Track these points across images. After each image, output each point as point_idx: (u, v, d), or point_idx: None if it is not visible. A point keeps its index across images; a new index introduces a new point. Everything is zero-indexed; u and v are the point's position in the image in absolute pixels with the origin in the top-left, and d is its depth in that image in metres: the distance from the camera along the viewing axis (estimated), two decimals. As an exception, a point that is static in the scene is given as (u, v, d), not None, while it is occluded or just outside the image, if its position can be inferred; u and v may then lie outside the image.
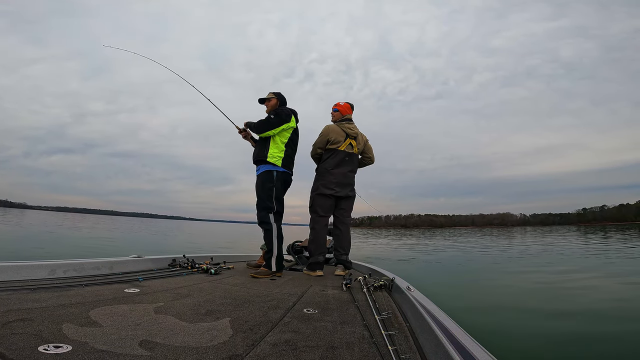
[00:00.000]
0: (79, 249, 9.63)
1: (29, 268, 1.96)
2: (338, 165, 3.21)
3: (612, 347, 2.76)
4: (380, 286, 2.24)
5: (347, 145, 3.24)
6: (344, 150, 3.23)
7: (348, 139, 3.25)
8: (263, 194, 2.92)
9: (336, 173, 3.20)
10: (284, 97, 3.16)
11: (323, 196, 3.22)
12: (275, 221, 2.92)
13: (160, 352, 1.01)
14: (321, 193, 3.21)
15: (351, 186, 3.30)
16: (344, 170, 3.23)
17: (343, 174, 3.22)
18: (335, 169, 3.21)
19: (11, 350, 0.90)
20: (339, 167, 3.22)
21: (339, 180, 3.20)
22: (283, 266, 3.01)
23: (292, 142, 3.06)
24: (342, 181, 3.21)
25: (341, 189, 3.21)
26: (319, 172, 3.32)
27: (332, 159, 3.22)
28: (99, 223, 35.82)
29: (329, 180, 3.20)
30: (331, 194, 3.19)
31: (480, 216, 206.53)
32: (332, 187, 3.19)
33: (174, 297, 1.76)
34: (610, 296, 4.66)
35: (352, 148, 3.28)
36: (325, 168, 3.24)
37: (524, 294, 5.00)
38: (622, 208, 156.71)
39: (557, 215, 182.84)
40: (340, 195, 3.22)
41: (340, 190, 3.20)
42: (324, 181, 3.22)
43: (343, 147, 3.23)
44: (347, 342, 1.21)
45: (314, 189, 3.29)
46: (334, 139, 3.22)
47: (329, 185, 3.19)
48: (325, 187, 3.20)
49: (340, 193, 3.21)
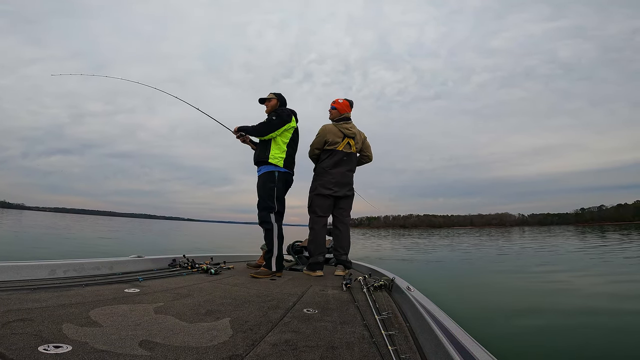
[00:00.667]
0: (76, 250, 9.58)
1: (29, 268, 1.96)
2: (336, 165, 3.20)
3: (612, 347, 2.77)
4: (380, 286, 2.24)
5: (345, 145, 3.23)
6: (342, 151, 3.22)
7: (346, 139, 3.23)
8: (264, 194, 2.92)
9: (334, 173, 3.20)
10: (284, 98, 3.16)
11: (321, 196, 3.21)
12: (276, 221, 2.92)
13: (160, 352, 1.01)
14: (319, 193, 3.21)
15: (349, 185, 3.29)
16: (342, 170, 3.22)
17: (341, 174, 3.22)
18: (333, 168, 3.20)
19: (11, 350, 0.90)
20: (337, 167, 3.21)
21: (337, 180, 3.19)
22: (283, 266, 3.01)
23: (293, 142, 3.06)
24: (340, 181, 3.20)
25: (339, 189, 3.21)
26: (317, 172, 3.31)
27: (330, 159, 3.21)
28: (96, 224, 35.19)
29: (327, 180, 3.19)
30: (329, 194, 3.18)
31: (479, 216, 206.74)
32: (330, 187, 3.18)
33: (174, 297, 1.76)
34: (608, 295, 4.66)
35: (350, 147, 3.26)
36: (323, 168, 3.23)
37: (524, 294, 5.00)
38: (620, 208, 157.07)
39: (555, 216, 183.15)
40: (339, 195, 3.22)
41: (338, 190, 3.20)
42: (322, 181, 3.21)
43: (341, 147, 3.22)
44: (347, 342, 1.21)
45: (312, 189, 3.29)
46: (331, 140, 3.21)
47: (327, 185, 3.18)
48: (324, 187, 3.19)
49: (339, 193, 3.20)
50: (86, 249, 9.86)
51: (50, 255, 6.79)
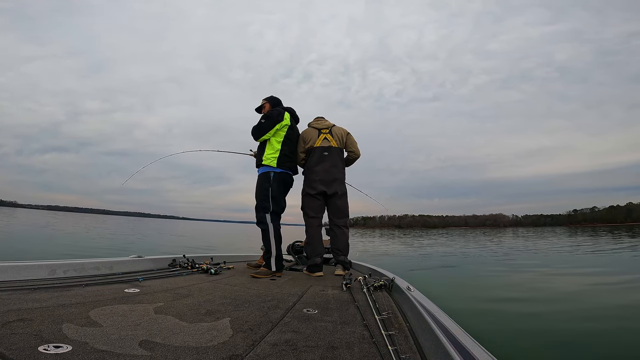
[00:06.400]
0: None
1: (29, 268, 1.96)
2: (318, 163, 3.17)
3: (612, 347, 2.76)
4: (380, 286, 2.24)
5: (322, 141, 3.21)
6: (320, 146, 3.20)
7: (321, 134, 3.23)
8: (260, 195, 2.93)
9: (318, 170, 3.15)
10: (275, 99, 3.17)
11: (310, 196, 3.18)
12: (272, 221, 2.90)
13: (160, 352, 1.00)
14: (307, 193, 3.19)
15: (338, 182, 3.19)
16: (326, 166, 3.16)
17: (325, 170, 3.15)
18: (316, 166, 3.16)
19: (11, 350, 0.90)
20: (320, 163, 3.16)
21: (321, 178, 3.14)
22: (283, 266, 3.00)
23: (288, 140, 3.02)
24: (325, 178, 3.14)
25: (327, 187, 3.14)
26: (304, 173, 3.31)
27: (311, 158, 3.20)
28: (81, 222, 32.90)
29: (312, 179, 3.16)
30: (316, 192, 3.14)
31: (473, 217, 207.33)
32: (316, 186, 3.14)
33: (174, 297, 1.76)
34: (609, 296, 4.66)
35: (329, 142, 3.22)
36: (308, 167, 3.22)
37: (523, 294, 5.00)
38: (612, 210, 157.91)
39: (548, 217, 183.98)
40: (330, 194, 3.16)
41: (326, 188, 3.14)
42: (307, 181, 3.21)
43: (318, 143, 3.21)
44: (347, 342, 1.20)
45: (302, 191, 3.28)
46: (308, 139, 3.21)
47: (312, 184, 3.16)
48: (310, 186, 3.17)
49: (328, 191, 3.14)
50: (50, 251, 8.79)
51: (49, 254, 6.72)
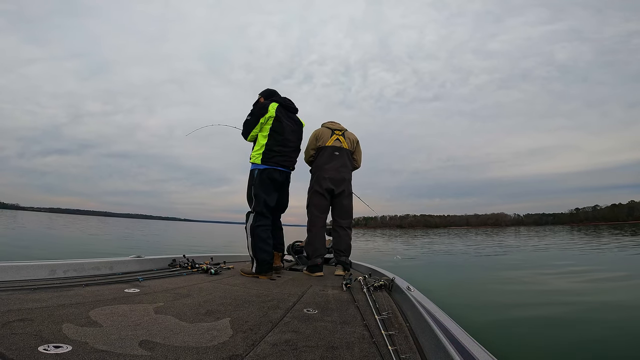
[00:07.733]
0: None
1: (29, 268, 1.96)
2: (328, 161, 3.19)
3: (612, 347, 2.76)
4: (380, 286, 2.23)
5: (334, 141, 3.24)
6: (332, 145, 3.22)
7: (334, 135, 3.26)
8: (246, 195, 2.91)
9: (328, 169, 3.17)
10: (268, 91, 3.07)
11: (317, 194, 3.19)
12: (252, 220, 2.78)
13: (160, 352, 1.00)
14: (316, 191, 3.20)
15: (346, 182, 3.23)
16: (336, 166, 3.19)
17: (335, 169, 3.18)
18: (326, 164, 3.19)
19: (11, 350, 0.90)
20: (330, 162, 3.19)
21: (331, 176, 3.16)
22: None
23: (275, 133, 2.82)
24: (334, 177, 3.17)
25: (335, 185, 3.17)
26: (312, 171, 3.32)
27: (321, 156, 3.22)
28: (76, 224, 31.64)
29: (321, 177, 3.17)
30: (324, 191, 3.16)
31: (475, 216, 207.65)
32: (325, 184, 3.15)
33: (174, 297, 1.76)
34: (611, 297, 4.66)
35: (341, 143, 3.25)
36: (317, 165, 3.23)
37: (523, 294, 5.00)
38: (614, 208, 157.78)
39: (550, 215, 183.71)
40: (336, 192, 3.18)
41: (335, 187, 3.16)
42: (316, 178, 3.21)
43: (330, 142, 3.23)
44: (347, 342, 1.20)
45: (309, 189, 3.29)
46: (320, 137, 3.24)
47: (321, 182, 3.17)
48: (318, 184, 3.18)
49: (337, 189, 3.17)
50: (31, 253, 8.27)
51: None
